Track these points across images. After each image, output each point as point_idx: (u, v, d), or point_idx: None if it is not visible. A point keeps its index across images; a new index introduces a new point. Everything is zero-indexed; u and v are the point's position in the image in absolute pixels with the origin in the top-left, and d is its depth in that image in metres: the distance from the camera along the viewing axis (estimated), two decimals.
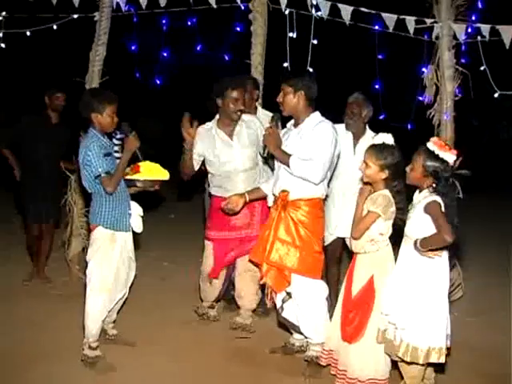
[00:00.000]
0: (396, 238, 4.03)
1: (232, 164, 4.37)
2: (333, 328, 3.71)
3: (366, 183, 3.60)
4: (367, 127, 4.70)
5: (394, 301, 3.30)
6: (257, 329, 4.63)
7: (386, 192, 3.46)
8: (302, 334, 4.00)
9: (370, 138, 4.59)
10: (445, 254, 3.29)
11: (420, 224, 3.23)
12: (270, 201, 4.12)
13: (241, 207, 4.16)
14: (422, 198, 3.25)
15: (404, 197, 3.45)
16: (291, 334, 4.21)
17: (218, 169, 4.43)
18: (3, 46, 5.67)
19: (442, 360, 3.25)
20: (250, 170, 4.43)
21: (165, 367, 3.96)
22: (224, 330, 4.60)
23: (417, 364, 3.27)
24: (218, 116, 4.48)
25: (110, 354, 3.98)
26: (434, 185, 3.21)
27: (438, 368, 3.59)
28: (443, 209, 3.16)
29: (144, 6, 5.42)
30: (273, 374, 3.94)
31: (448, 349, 3.36)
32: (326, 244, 4.37)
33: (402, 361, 3.31)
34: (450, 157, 3.20)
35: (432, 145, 3.22)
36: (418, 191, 3.36)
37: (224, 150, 4.37)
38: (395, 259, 3.48)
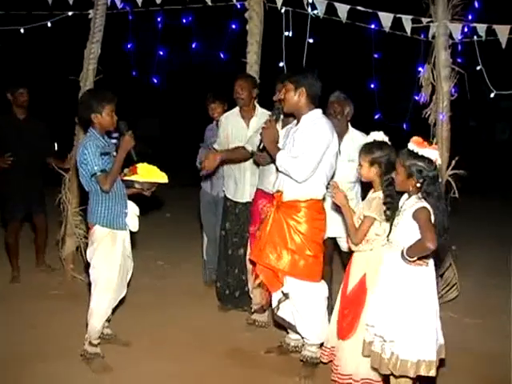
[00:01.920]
0: None
1: None
2: (333, 325, 3.70)
3: (363, 183, 3.59)
4: (349, 125, 4.68)
5: (380, 312, 3.22)
6: (254, 328, 4.64)
7: (381, 194, 3.43)
8: (298, 333, 3.98)
9: (353, 136, 4.57)
10: (431, 263, 3.20)
11: (408, 231, 3.14)
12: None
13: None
14: (412, 203, 3.14)
15: (394, 189, 3.34)
16: (287, 333, 4.20)
17: None
18: None
19: (433, 373, 3.13)
20: None
21: (161, 368, 3.94)
22: (221, 330, 4.58)
23: (406, 377, 3.16)
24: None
25: (106, 354, 3.96)
26: (418, 185, 3.10)
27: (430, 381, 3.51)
28: (432, 215, 3.07)
29: (140, 4, 5.39)
30: (269, 374, 3.91)
31: (442, 360, 3.30)
32: None
33: (392, 374, 3.22)
34: (432, 153, 3.10)
35: (411, 144, 3.13)
36: (406, 196, 3.26)
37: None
38: None
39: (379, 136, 3.47)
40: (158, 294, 5.37)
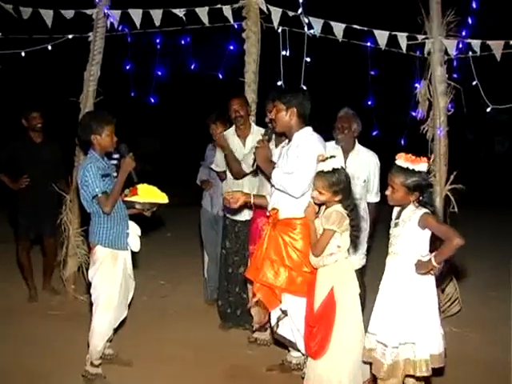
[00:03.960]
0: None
1: None
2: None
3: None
4: (356, 142, 4.71)
5: (383, 319, 3.26)
6: (256, 346, 4.64)
7: (338, 207, 3.49)
8: (299, 351, 3.97)
9: (359, 152, 4.61)
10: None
11: (412, 240, 3.23)
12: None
13: (239, 205, 4.04)
14: (411, 213, 3.24)
15: (358, 213, 3.52)
16: (288, 351, 4.19)
17: None
18: None
19: (442, 364, 3.26)
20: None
21: None
22: (222, 348, 4.57)
23: (413, 378, 3.23)
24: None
25: (107, 374, 3.96)
26: (420, 198, 3.22)
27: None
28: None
29: (138, 25, 5.46)
30: None
31: (436, 369, 3.32)
32: None
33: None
34: (423, 166, 3.23)
35: (403, 162, 3.23)
36: (398, 208, 3.35)
37: None
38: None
39: (336, 163, 3.50)
40: (160, 312, 5.37)
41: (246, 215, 4.79)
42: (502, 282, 6.26)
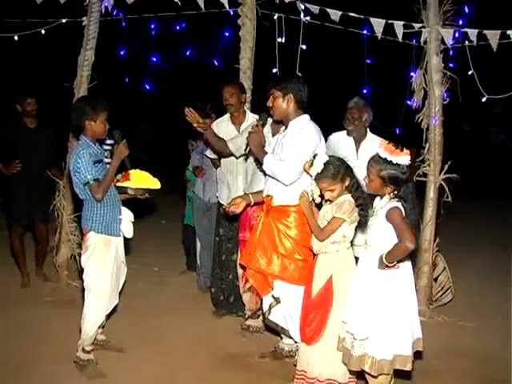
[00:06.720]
0: None
1: None
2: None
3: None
4: (368, 131, 4.71)
5: (354, 310, 3.23)
6: (248, 333, 4.65)
7: (350, 197, 3.46)
8: (291, 338, 3.98)
9: (371, 141, 4.60)
10: (403, 265, 3.20)
11: (382, 232, 3.17)
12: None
13: (242, 208, 4.04)
14: (384, 204, 3.19)
15: (363, 191, 3.42)
16: (281, 338, 4.20)
17: None
18: None
19: (409, 368, 3.17)
20: None
21: (156, 373, 3.94)
22: (215, 335, 4.59)
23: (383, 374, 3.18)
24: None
25: (99, 360, 3.96)
26: (395, 191, 3.15)
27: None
28: (404, 214, 3.10)
29: (130, 3, 5.39)
30: (263, 379, 3.93)
31: (419, 352, 3.34)
32: None
33: (363, 371, 3.22)
34: (404, 159, 3.13)
35: (383, 151, 3.15)
36: (379, 197, 3.30)
37: None
38: None
39: (323, 158, 3.47)
40: (153, 299, 5.38)
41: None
42: (496, 271, 6.30)
